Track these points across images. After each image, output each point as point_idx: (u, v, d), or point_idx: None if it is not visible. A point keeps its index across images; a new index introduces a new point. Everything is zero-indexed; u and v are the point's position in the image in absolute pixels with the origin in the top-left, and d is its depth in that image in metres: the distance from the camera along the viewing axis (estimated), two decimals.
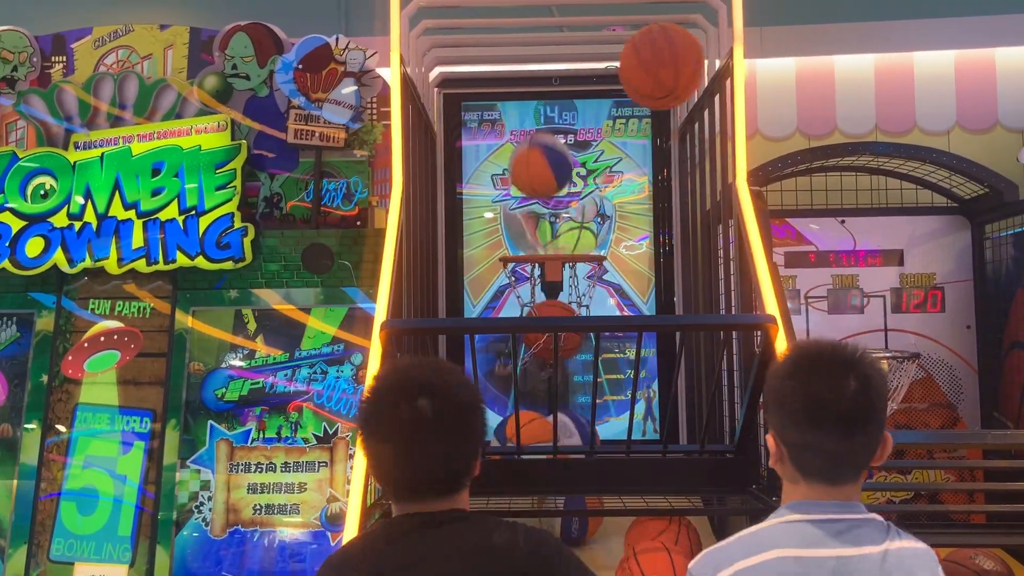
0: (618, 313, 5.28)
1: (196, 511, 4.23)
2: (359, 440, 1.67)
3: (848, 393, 1.55)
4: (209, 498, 4.24)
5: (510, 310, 5.27)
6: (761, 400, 2.83)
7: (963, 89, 5.55)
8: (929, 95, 5.57)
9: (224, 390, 4.35)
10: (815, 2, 5.75)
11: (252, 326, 4.44)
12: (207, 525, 4.21)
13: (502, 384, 5.27)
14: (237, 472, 4.26)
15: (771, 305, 3.18)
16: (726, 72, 3.73)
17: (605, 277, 5.24)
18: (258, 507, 4.22)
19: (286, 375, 4.35)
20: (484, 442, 1.69)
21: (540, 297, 4.64)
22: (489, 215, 5.45)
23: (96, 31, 4.85)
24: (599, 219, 5.38)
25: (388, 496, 1.74)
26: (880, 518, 1.62)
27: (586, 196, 5.38)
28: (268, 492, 4.24)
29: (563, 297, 4.60)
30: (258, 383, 4.35)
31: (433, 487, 1.62)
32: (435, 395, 1.59)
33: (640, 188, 5.40)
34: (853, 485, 1.62)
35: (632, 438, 3.52)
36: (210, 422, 4.32)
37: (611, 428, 5.09)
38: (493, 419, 4.69)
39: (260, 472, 4.25)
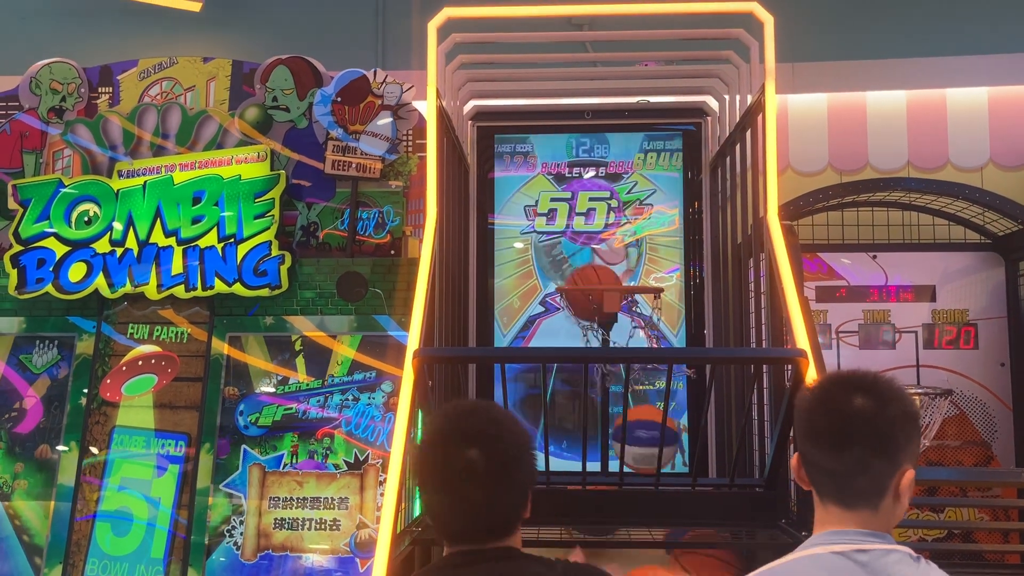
0: (648, 345, 5.28)
1: (228, 535, 4.28)
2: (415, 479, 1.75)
3: (849, 408, 1.57)
4: (241, 522, 4.29)
5: (540, 339, 5.29)
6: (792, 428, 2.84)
7: (996, 125, 5.53)
8: (962, 131, 5.56)
9: (258, 415, 4.41)
10: (847, 38, 5.78)
11: (286, 353, 4.51)
12: (238, 549, 4.25)
13: (532, 412, 5.29)
14: (268, 497, 4.31)
15: (802, 339, 3.18)
16: (758, 107, 3.76)
17: (635, 309, 5.25)
18: (289, 532, 4.26)
19: (319, 401, 4.41)
20: (532, 487, 1.73)
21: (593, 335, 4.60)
22: (519, 245, 5.50)
23: (142, 63, 5.00)
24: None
25: (439, 536, 1.79)
26: (909, 550, 1.59)
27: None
28: (299, 517, 4.28)
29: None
30: (291, 409, 4.41)
31: (480, 531, 1.68)
32: (484, 446, 1.64)
33: (671, 220, 5.42)
34: (871, 513, 1.60)
35: (662, 471, 3.52)
36: (243, 446, 4.38)
37: (640, 460, 5.07)
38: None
39: (291, 497, 4.30)
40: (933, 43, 5.67)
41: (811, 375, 3.01)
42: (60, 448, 4.46)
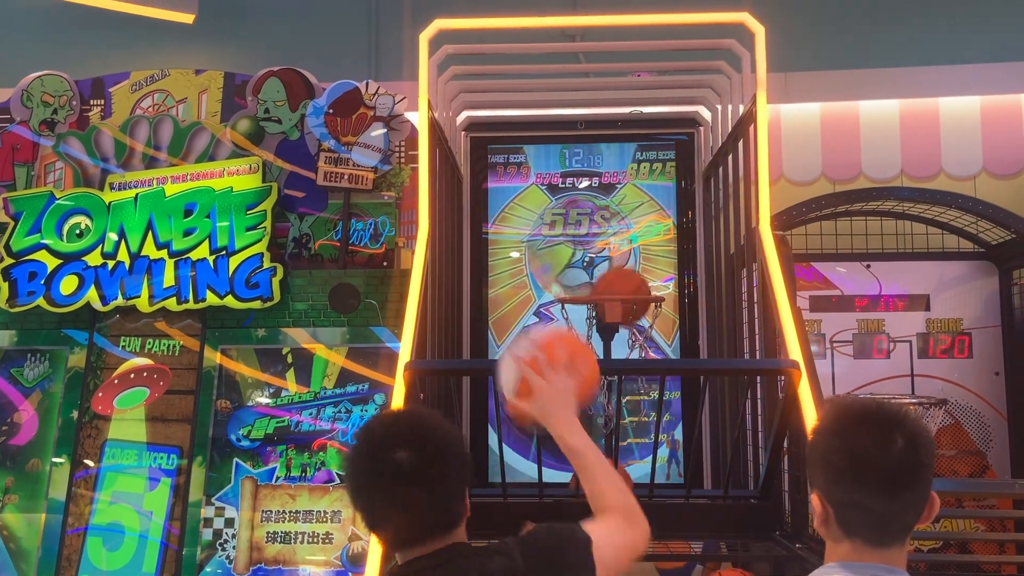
0: (642, 355, 5.27)
1: (220, 548, 4.25)
2: (348, 494, 1.74)
3: (895, 451, 1.53)
4: (233, 535, 4.27)
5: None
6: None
7: (989, 134, 5.54)
8: (955, 140, 5.56)
9: (250, 428, 4.39)
10: (840, 48, 5.79)
11: (279, 365, 4.49)
12: (230, 563, 4.23)
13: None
14: (261, 510, 4.29)
15: (794, 350, 3.17)
16: (750, 118, 3.76)
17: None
18: (281, 545, 4.23)
19: (311, 413, 4.39)
20: (467, 485, 1.73)
21: (596, 338, 4.56)
22: (515, 255, 5.49)
23: (134, 75, 4.99)
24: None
25: (385, 546, 1.78)
26: None
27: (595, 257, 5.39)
28: (291, 531, 4.25)
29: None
30: (284, 421, 4.39)
31: (423, 532, 1.67)
32: (411, 446, 1.64)
33: (665, 230, 5.42)
34: (899, 548, 1.58)
35: (656, 482, 3.51)
36: (236, 460, 4.36)
37: (634, 472, 5.05)
38: (518, 461, 4.69)
39: (284, 510, 4.28)
40: (926, 52, 5.68)
41: (803, 386, 3.00)
42: (56, 461, 4.44)
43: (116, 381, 4.53)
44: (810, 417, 2.93)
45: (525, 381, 1.93)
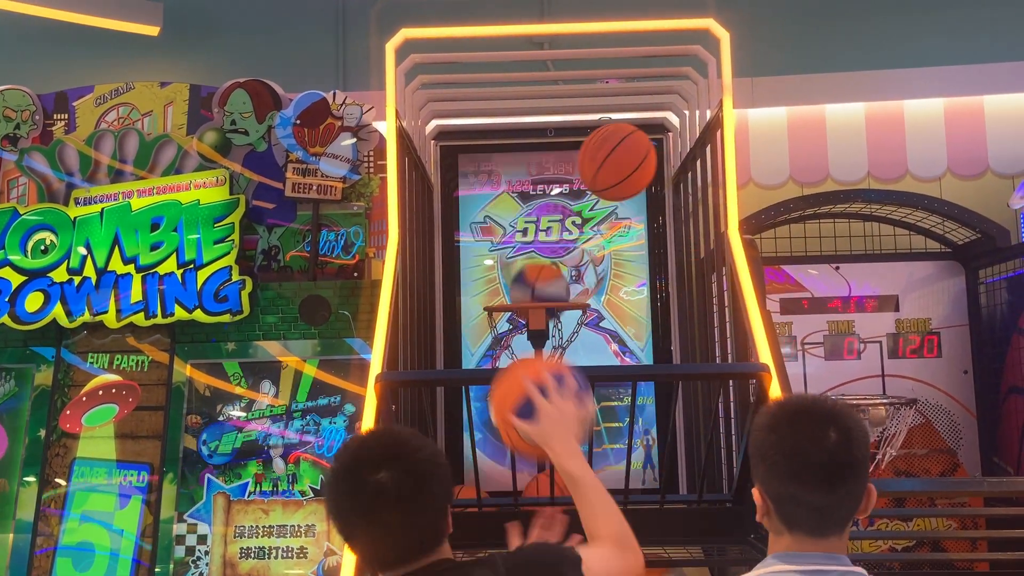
0: (616, 360, 5.28)
1: (193, 565, 4.20)
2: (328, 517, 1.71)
3: (829, 445, 1.56)
4: (206, 552, 4.22)
5: (509, 357, 5.27)
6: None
7: (953, 136, 5.61)
8: (920, 142, 5.63)
9: (218, 443, 4.35)
10: (805, 52, 5.85)
11: (249, 378, 4.45)
12: None
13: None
14: (234, 525, 4.24)
15: (764, 353, 3.19)
16: (717, 123, 3.78)
17: (602, 324, 5.25)
18: (255, 561, 4.19)
19: (279, 427, 4.36)
20: (450, 502, 1.71)
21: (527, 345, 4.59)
22: (488, 263, 5.49)
23: (98, 89, 4.94)
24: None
25: (370, 568, 1.76)
26: (863, 571, 1.62)
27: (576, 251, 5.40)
28: (265, 546, 4.21)
29: (549, 344, 4.56)
30: (251, 435, 4.35)
31: (406, 553, 1.65)
32: (391, 467, 1.62)
33: (637, 235, 5.44)
34: (838, 538, 1.62)
35: (632, 487, 3.51)
36: (207, 475, 4.31)
37: (610, 477, 5.05)
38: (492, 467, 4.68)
39: (257, 526, 4.23)
40: (889, 55, 5.75)
41: (774, 389, 3.01)
42: (25, 480, 4.36)
43: (84, 398, 4.47)
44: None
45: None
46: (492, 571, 1.67)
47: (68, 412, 4.45)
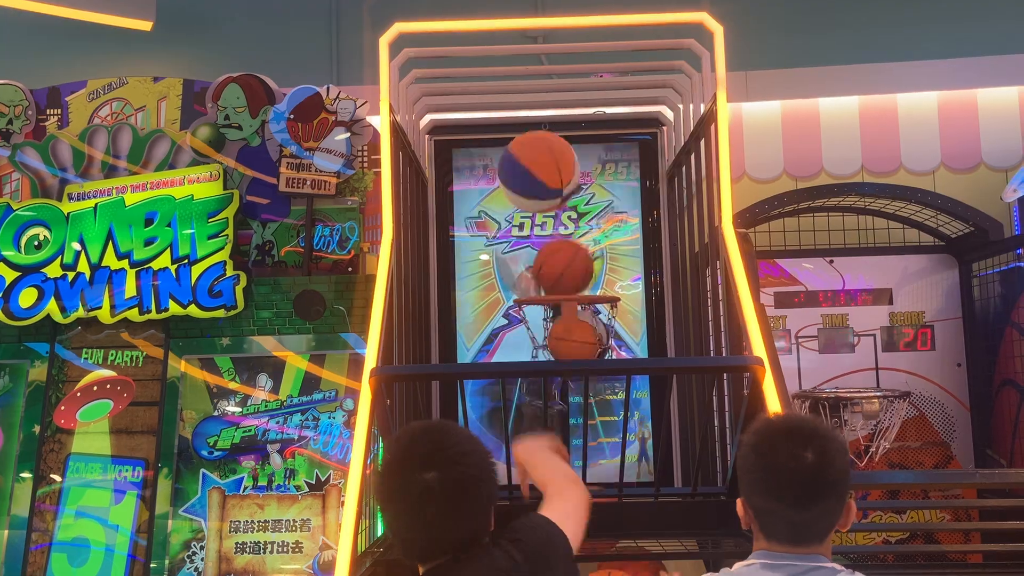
0: (611, 353, 5.28)
1: (188, 560, 4.21)
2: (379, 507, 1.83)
3: (806, 465, 1.64)
4: (201, 547, 4.22)
5: (504, 353, 5.27)
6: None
7: (947, 130, 5.61)
8: (914, 136, 5.63)
9: (216, 438, 4.35)
10: (799, 46, 5.85)
11: (244, 374, 4.45)
12: (199, 574, 4.18)
13: (497, 426, 5.26)
14: (229, 520, 4.24)
15: (758, 347, 3.20)
16: (710, 117, 3.78)
17: (598, 318, 5.25)
18: (251, 556, 4.19)
19: (278, 422, 4.36)
20: (494, 503, 1.76)
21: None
22: (484, 258, 5.48)
23: (91, 84, 4.92)
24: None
25: (408, 558, 1.79)
26: (840, 567, 1.69)
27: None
28: (260, 541, 4.21)
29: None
30: (250, 430, 4.35)
31: (445, 550, 1.70)
32: (441, 468, 1.66)
33: (632, 230, 5.43)
34: (819, 546, 1.70)
35: (626, 481, 3.52)
36: (202, 470, 4.31)
37: (605, 471, 5.06)
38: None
39: (252, 520, 4.23)
40: (884, 49, 5.75)
41: (768, 382, 3.02)
42: (21, 476, 4.36)
43: (79, 394, 4.47)
44: (775, 412, 2.95)
45: None
46: (504, 552, 1.75)
47: (63, 408, 4.44)
